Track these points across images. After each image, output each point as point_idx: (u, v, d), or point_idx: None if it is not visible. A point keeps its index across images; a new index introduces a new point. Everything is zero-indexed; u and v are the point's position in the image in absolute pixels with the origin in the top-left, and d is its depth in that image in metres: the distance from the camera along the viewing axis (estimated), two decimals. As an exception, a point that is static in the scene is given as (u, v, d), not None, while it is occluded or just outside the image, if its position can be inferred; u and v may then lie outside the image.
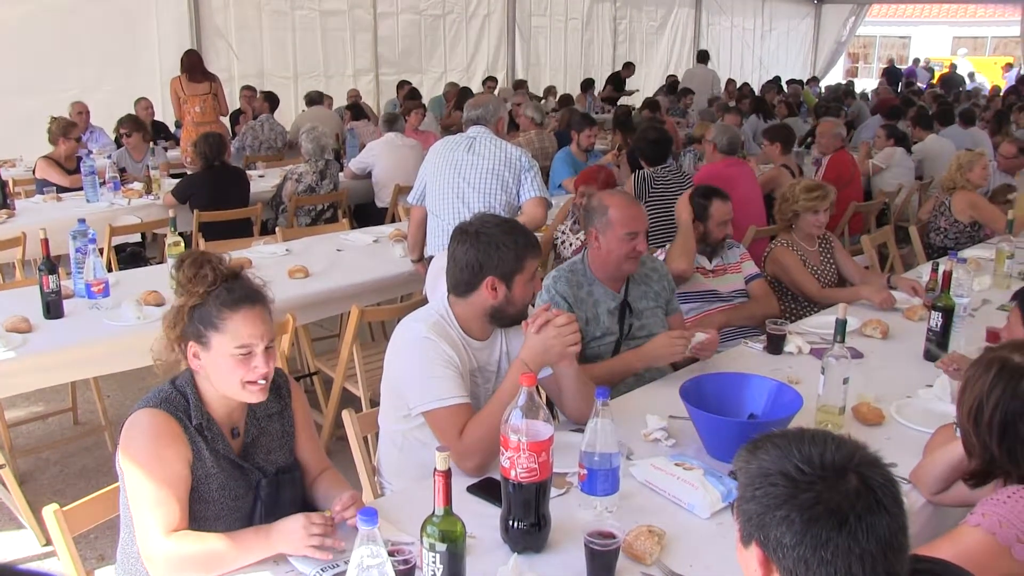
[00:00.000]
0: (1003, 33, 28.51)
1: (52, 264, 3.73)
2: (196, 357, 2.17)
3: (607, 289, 3.32)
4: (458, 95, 11.61)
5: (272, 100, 9.59)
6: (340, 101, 11.20)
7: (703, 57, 16.23)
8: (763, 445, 1.39)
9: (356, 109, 9.90)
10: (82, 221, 4.18)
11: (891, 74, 21.34)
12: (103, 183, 6.58)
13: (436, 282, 4.24)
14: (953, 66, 22.96)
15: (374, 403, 3.86)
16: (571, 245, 4.79)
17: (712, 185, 4.33)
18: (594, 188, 4.96)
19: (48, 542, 3.65)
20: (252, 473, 2.25)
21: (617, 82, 15.52)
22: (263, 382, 2.19)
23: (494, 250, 2.56)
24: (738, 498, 1.40)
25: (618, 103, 13.72)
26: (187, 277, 2.17)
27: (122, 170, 7.01)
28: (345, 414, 2.74)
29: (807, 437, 1.38)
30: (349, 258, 5.00)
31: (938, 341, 3.40)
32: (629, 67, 15.99)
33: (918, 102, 13.26)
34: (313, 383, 4.80)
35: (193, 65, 8.52)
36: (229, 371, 2.15)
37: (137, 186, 6.73)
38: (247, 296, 2.19)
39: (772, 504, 1.32)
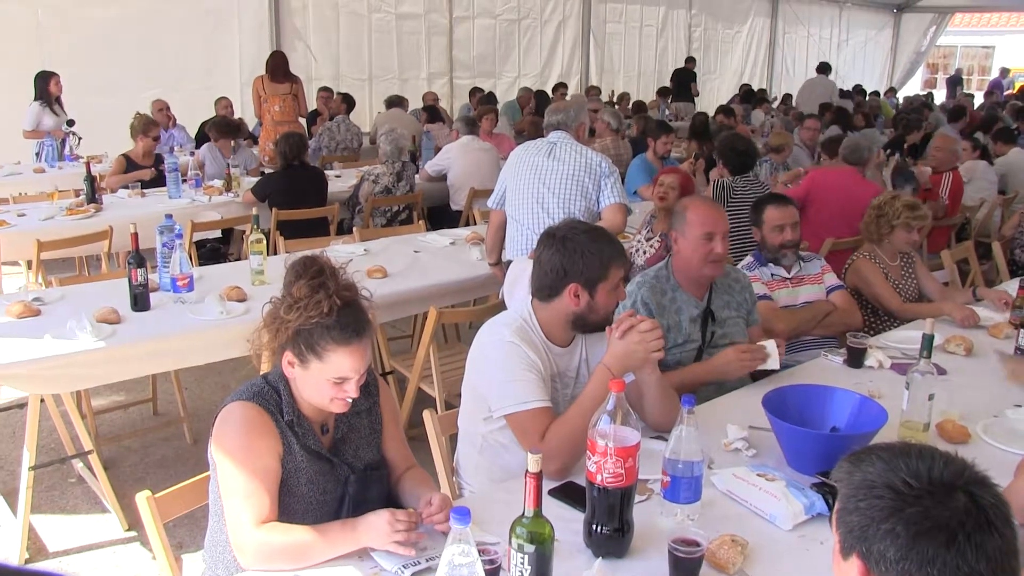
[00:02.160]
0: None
1: (141, 258, 3.83)
2: (291, 365, 2.20)
3: (690, 296, 3.31)
4: (533, 100, 11.66)
5: (349, 101, 9.76)
6: (415, 104, 11.31)
7: (824, 68, 15.90)
8: (867, 457, 1.37)
9: (432, 112, 9.99)
10: (169, 216, 4.28)
11: (955, 83, 20.87)
12: (184, 180, 6.74)
13: (514, 287, 4.26)
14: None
15: (449, 404, 3.92)
16: (644, 253, 4.78)
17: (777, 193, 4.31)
18: (675, 178, 4.95)
19: (130, 527, 3.76)
20: (341, 469, 2.28)
21: (684, 78, 15.52)
22: (349, 401, 2.22)
23: (579, 257, 2.56)
24: (839, 509, 1.38)
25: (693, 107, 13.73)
26: (301, 295, 2.15)
27: (201, 164, 7.20)
28: (426, 414, 2.77)
29: (914, 452, 1.35)
30: (426, 260, 5.05)
31: (1027, 360, 3.33)
32: (691, 61, 15.94)
33: (1000, 114, 12.95)
34: (388, 383, 4.85)
35: (277, 66, 8.69)
36: (319, 390, 2.19)
37: (218, 183, 6.89)
38: (355, 331, 2.17)
39: (877, 516, 1.30)
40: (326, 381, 2.17)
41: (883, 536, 1.28)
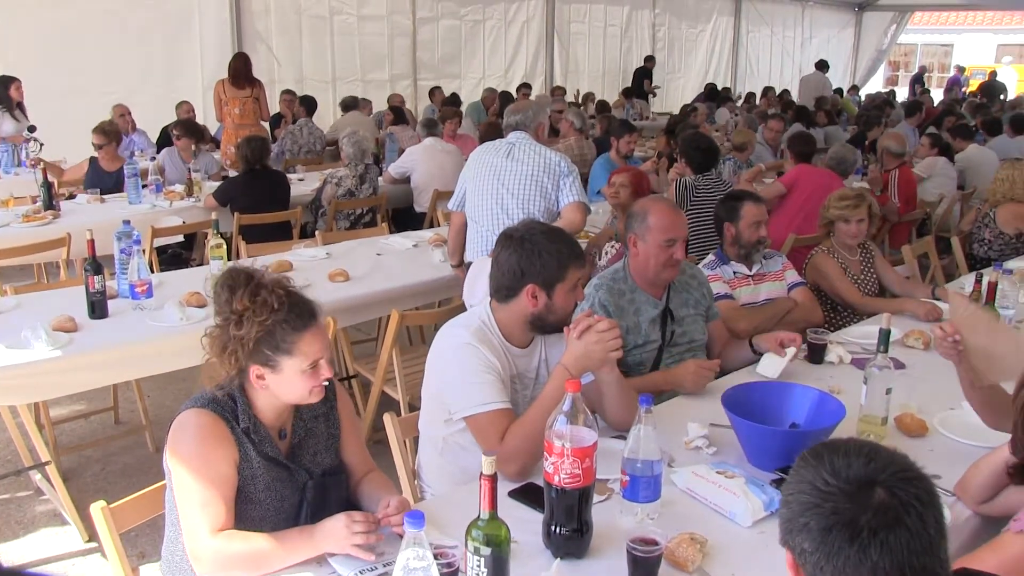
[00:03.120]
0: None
1: (98, 264, 3.78)
2: (261, 378, 2.17)
3: (649, 296, 3.32)
4: (498, 101, 11.65)
5: (309, 104, 9.68)
6: (379, 106, 11.26)
7: (822, 65, 16.73)
8: (807, 456, 1.42)
9: (398, 113, 9.95)
10: (127, 222, 4.22)
11: (918, 81, 21.17)
12: (145, 185, 6.67)
13: (474, 285, 4.26)
14: (994, 74, 22.63)
15: (412, 407, 3.90)
16: (606, 254, 4.78)
17: (745, 189, 4.34)
18: (626, 177, 4.96)
19: (91, 539, 3.70)
20: (299, 474, 2.26)
21: (641, 76, 15.67)
22: (326, 383, 2.24)
23: (536, 257, 2.56)
24: (780, 502, 1.45)
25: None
26: (245, 305, 2.14)
27: (161, 169, 7.11)
28: (387, 417, 2.76)
29: (844, 449, 1.39)
30: (389, 262, 5.03)
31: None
32: (650, 60, 16.08)
33: (958, 110, 13.12)
34: (352, 386, 4.82)
35: (238, 69, 8.61)
36: (297, 386, 2.18)
37: (179, 188, 6.82)
38: (310, 314, 2.20)
39: (797, 511, 1.35)
40: (301, 374, 2.16)
41: (800, 530, 1.34)
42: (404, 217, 7.48)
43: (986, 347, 2.57)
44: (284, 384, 2.18)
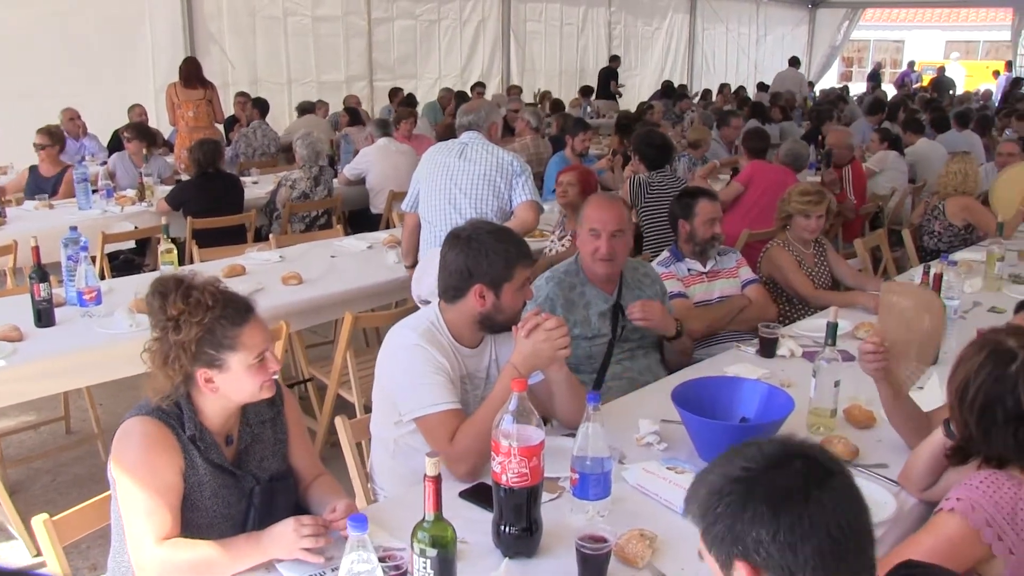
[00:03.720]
0: (994, 37, 28.60)
1: (43, 272, 3.72)
2: (210, 382, 2.14)
3: (599, 291, 3.33)
4: (454, 101, 11.63)
5: (262, 106, 9.59)
6: (336, 107, 11.20)
7: (794, 62, 17.73)
8: (702, 475, 1.44)
9: (354, 114, 9.90)
10: (74, 229, 4.17)
11: (874, 77, 21.46)
12: (95, 190, 6.57)
13: (421, 278, 4.24)
14: (942, 69, 23.03)
15: (368, 409, 3.85)
16: (556, 252, 4.80)
17: (699, 186, 4.37)
18: (574, 175, 4.97)
19: (39, 552, 3.63)
20: (245, 480, 2.24)
21: (606, 76, 15.80)
22: (275, 377, 2.23)
23: (483, 257, 2.55)
24: (702, 533, 1.41)
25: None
26: (180, 308, 2.11)
27: (112, 174, 7.00)
28: (338, 421, 2.74)
29: (744, 445, 1.43)
30: (343, 264, 5.00)
31: (930, 344, 3.40)
32: (615, 59, 16.20)
33: (910, 105, 13.32)
34: (307, 390, 4.79)
35: (190, 72, 8.51)
36: (246, 383, 2.16)
37: (130, 193, 6.73)
38: (247, 307, 2.19)
39: (736, 511, 1.34)
40: (248, 369, 2.14)
41: (750, 523, 1.32)
42: (360, 219, 7.44)
43: (902, 337, 2.62)
44: (234, 382, 2.15)
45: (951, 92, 19.06)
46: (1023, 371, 1.92)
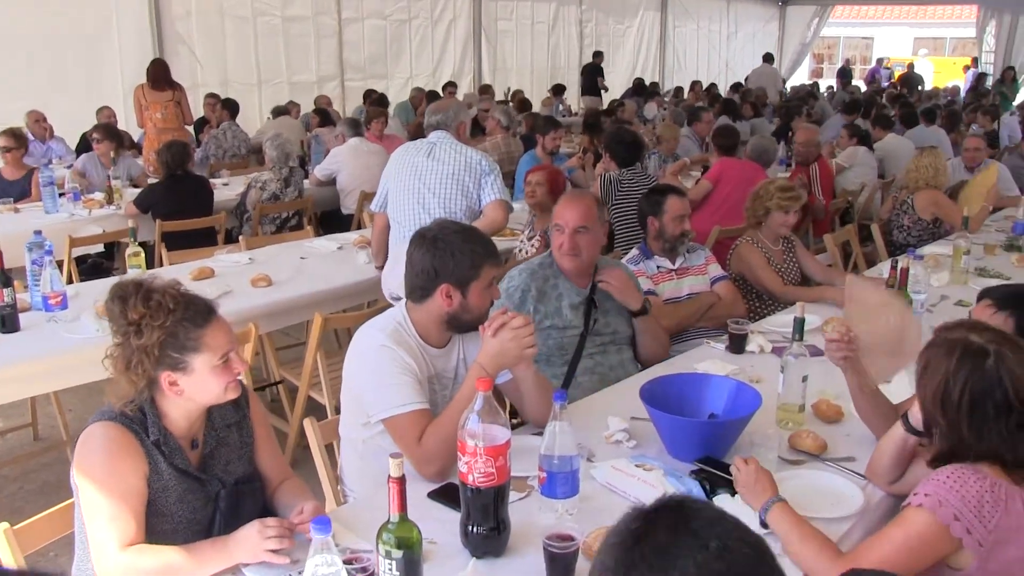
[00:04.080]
0: (961, 34, 28.92)
1: (7, 277, 3.67)
2: (175, 384, 2.12)
3: (572, 285, 3.36)
4: (425, 100, 11.59)
5: (232, 107, 9.52)
6: (307, 108, 11.14)
7: (769, 58, 18.46)
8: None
9: (324, 115, 9.85)
10: (38, 233, 4.12)
11: (844, 74, 21.64)
12: (62, 194, 6.49)
13: (389, 275, 4.23)
14: (911, 66, 23.27)
15: (339, 411, 3.85)
16: (526, 252, 4.80)
17: (669, 183, 4.39)
18: (541, 175, 4.98)
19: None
20: (211, 485, 2.22)
21: (592, 73, 15.92)
22: (240, 378, 2.21)
23: (450, 257, 2.55)
24: None
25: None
26: (141, 311, 2.08)
27: (81, 175, 6.93)
28: (306, 423, 2.72)
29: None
30: (313, 266, 4.97)
31: (897, 337, 3.43)
32: (598, 55, 16.33)
33: (880, 101, 13.43)
34: (279, 392, 4.76)
35: (157, 73, 8.45)
36: (211, 385, 2.14)
37: (98, 196, 6.66)
38: (208, 308, 2.17)
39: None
40: (213, 370, 2.12)
41: None
42: (332, 219, 7.42)
43: (874, 331, 2.63)
44: (198, 385, 2.13)
45: (920, 88, 19.25)
46: (1001, 363, 1.94)
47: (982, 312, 2.55)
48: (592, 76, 16.13)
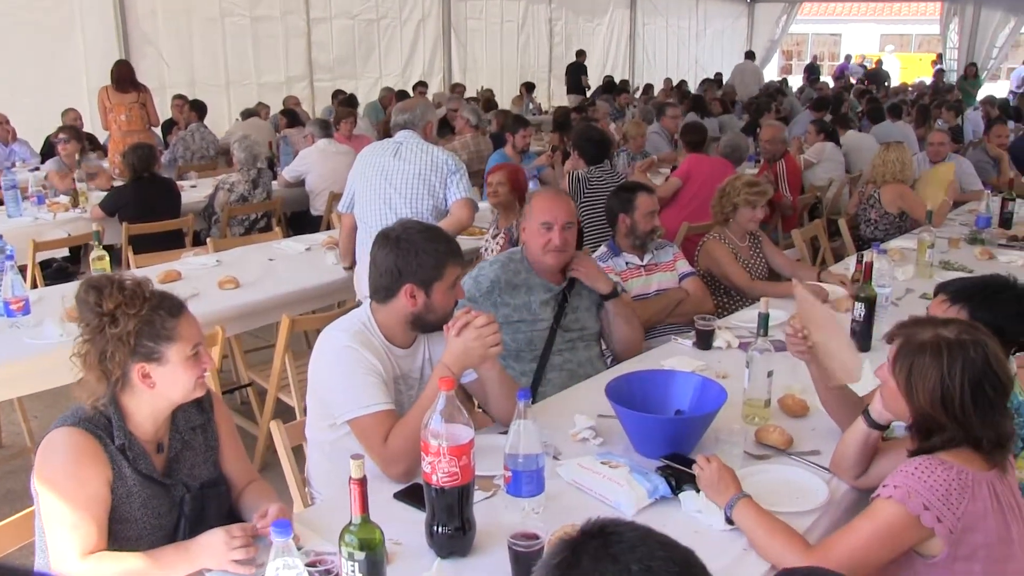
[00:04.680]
0: (926, 31, 29.23)
1: (-32, 282, 3.63)
2: (148, 377, 2.11)
3: (544, 281, 3.37)
4: (395, 100, 11.55)
5: (200, 109, 9.43)
6: (275, 108, 11.06)
7: (750, 55, 19.12)
8: None
9: (292, 116, 9.80)
10: (-1, 237, 4.08)
11: (812, 70, 21.83)
12: (26, 197, 6.42)
13: (361, 279, 4.22)
14: (879, 62, 23.49)
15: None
16: (492, 251, 4.80)
17: (637, 181, 4.40)
18: (502, 174, 4.98)
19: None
20: (176, 489, 2.20)
21: (576, 71, 16.04)
22: (207, 374, 2.21)
23: (413, 257, 2.54)
24: None
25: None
26: (116, 302, 2.08)
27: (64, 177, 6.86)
28: (273, 425, 2.71)
29: None
30: (281, 267, 4.95)
31: (862, 331, 3.46)
32: (581, 54, 16.40)
33: (848, 97, 13.55)
34: (248, 395, 4.73)
35: (122, 75, 8.34)
36: (186, 375, 2.14)
37: (63, 199, 6.58)
38: (178, 302, 2.18)
39: None
40: (186, 361, 2.12)
41: None
42: (301, 220, 7.38)
43: (826, 343, 2.65)
44: (171, 377, 2.12)
45: (886, 84, 19.45)
46: (982, 348, 1.99)
47: (938, 307, 2.59)
48: (576, 74, 16.26)
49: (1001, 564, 1.98)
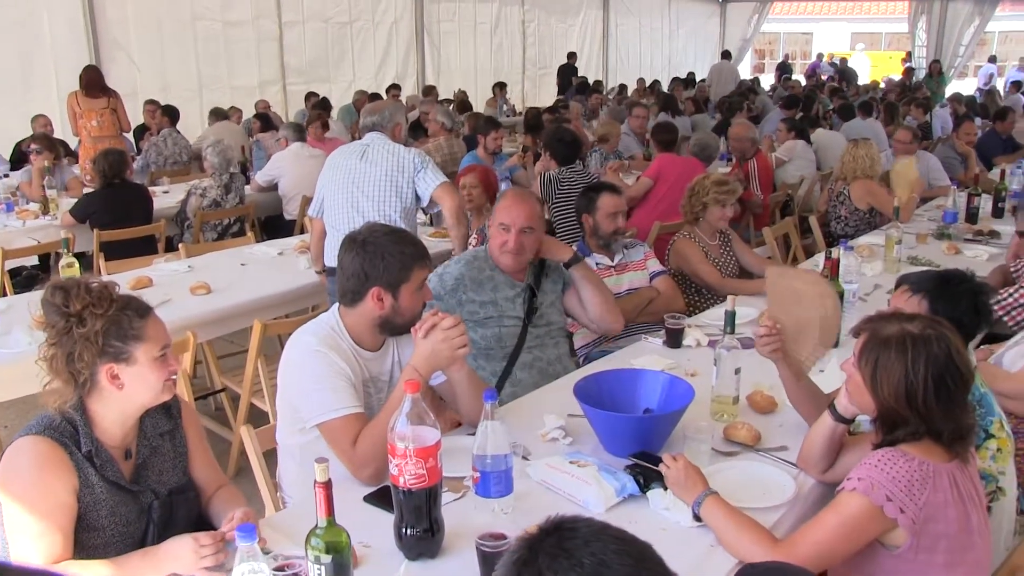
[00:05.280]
0: (895, 29, 29.46)
1: (-65, 291, 3.60)
2: (116, 378, 2.10)
3: (507, 278, 3.41)
4: (368, 103, 11.53)
5: (172, 114, 9.37)
6: (248, 112, 11.01)
7: (726, 55, 19.33)
8: None
9: (265, 120, 9.76)
10: (-36, 246, 4.05)
11: (784, 68, 21.99)
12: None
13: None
14: (844, 60, 23.71)
15: (280, 417, 3.83)
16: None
17: (605, 181, 4.42)
18: (473, 176, 4.99)
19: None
20: (144, 495, 2.20)
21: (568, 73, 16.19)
22: (175, 376, 2.21)
23: (379, 260, 2.55)
24: None
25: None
26: (85, 302, 2.07)
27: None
28: (243, 430, 2.70)
29: None
30: (253, 272, 4.94)
31: (830, 327, 3.49)
32: (572, 56, 16.52)
33: (819, 96, 13.64)
34: (222, 400, 4.71)
35: (91, 80, 8.28)
36: (154, 376, 2.13)
37: (33, 207, 6.53)
38: (145, 304, 2.18)
39: None
40: (153, 363, 2.12)
41: None
42: (274, 225, 7.35)
43: (796, 323, 2.69)
44: (139, 378, 2.12)
45: (856, 82, 19.61)
46: (943, 343, 2.03)
47: (900, 297, 2.64)
48: (567, 76, 16.39)
49: (961, 553, 2.02)
